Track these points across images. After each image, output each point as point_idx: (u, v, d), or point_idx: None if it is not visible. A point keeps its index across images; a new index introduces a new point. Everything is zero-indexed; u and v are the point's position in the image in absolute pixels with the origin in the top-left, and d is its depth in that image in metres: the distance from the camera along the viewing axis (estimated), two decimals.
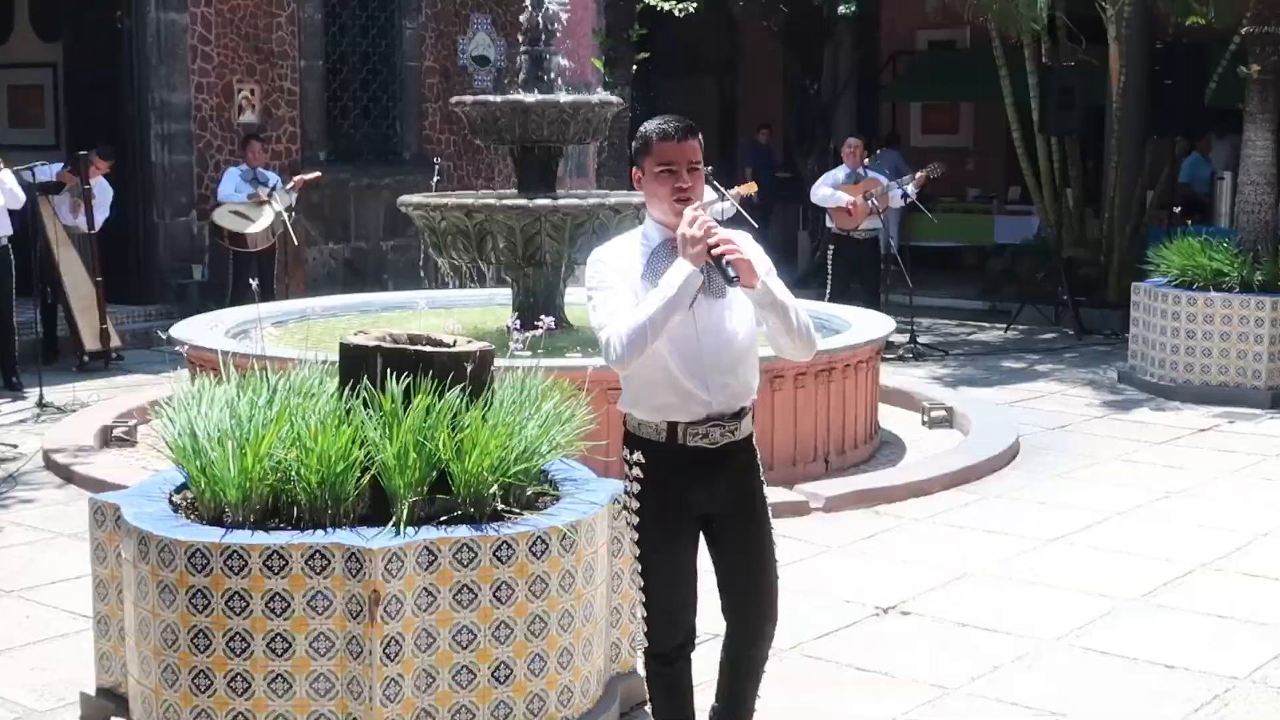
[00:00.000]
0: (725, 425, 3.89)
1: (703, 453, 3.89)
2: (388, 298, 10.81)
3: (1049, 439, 9.27)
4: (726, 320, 3.90)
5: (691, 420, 3.86)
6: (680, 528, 3.93)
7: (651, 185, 3.84)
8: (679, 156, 3.83)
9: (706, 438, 3.88)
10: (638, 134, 3.91)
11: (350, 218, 15.29)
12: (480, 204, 8.69)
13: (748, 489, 4.00)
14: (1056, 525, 7.27)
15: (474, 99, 9.19)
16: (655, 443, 3.90)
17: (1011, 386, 11.17)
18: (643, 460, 3.92)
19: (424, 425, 4.01)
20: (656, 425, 3.89)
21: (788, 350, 3.93)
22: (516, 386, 4.46)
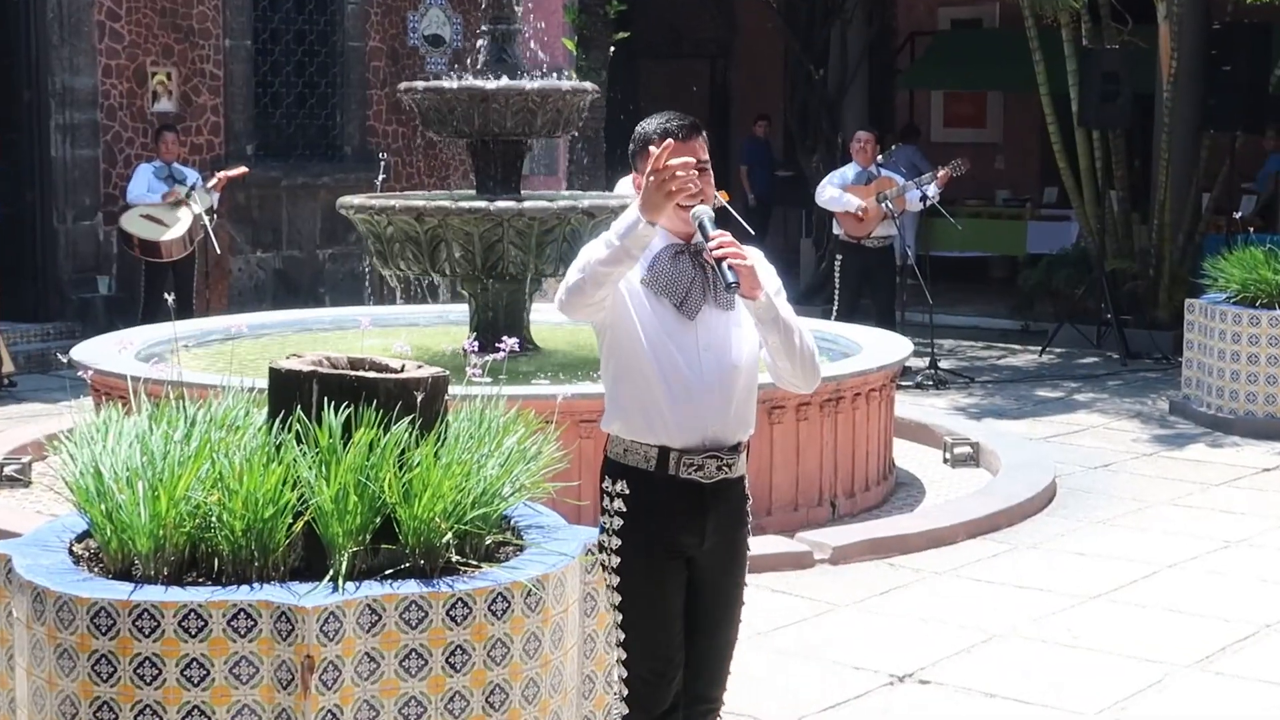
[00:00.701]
0: (723, 458, 3.97)
1: (695, 488, 3.95)
2: (325, 315, 10.81)
3: (1090, 480, 9.31)
4: (732, 337, 3.98)
5: (686, 448, 3.94)
6: (667, 572, 3.99)
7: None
8: (684, 156, 3.91)
9: (701, 470, 3.95)
10: (635, 134, 4.01)
11: (282, 222, 15.30)
12: (433, 206, 8.71)
13: (735, 538, 4.07)
14: (1098, 580, 7.30)
15: (426, 85, 9.21)
16: (643, 472, 3.96)
17: (1047, 419, 11.22)
18: (627, 491, 3.97)
19: (366, 463, 4.01)
20: (646, 451, 3.96)
21: (787, 376, 4.01)
22: (474, 418, 4.46)
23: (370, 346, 8.37)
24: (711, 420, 3.94)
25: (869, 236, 12.27)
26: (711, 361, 3.93)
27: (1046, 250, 16.65)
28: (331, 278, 15.58)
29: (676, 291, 3.93)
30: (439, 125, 9.18)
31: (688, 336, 3.92)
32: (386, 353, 4.71)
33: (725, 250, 3.79)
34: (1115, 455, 10.02)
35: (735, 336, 3.98)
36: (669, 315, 3.93)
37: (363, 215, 8.90)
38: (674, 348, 3.91)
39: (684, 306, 3.93)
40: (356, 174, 15.16)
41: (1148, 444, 10.41)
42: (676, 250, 3.97)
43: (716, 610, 4.06)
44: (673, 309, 3.94)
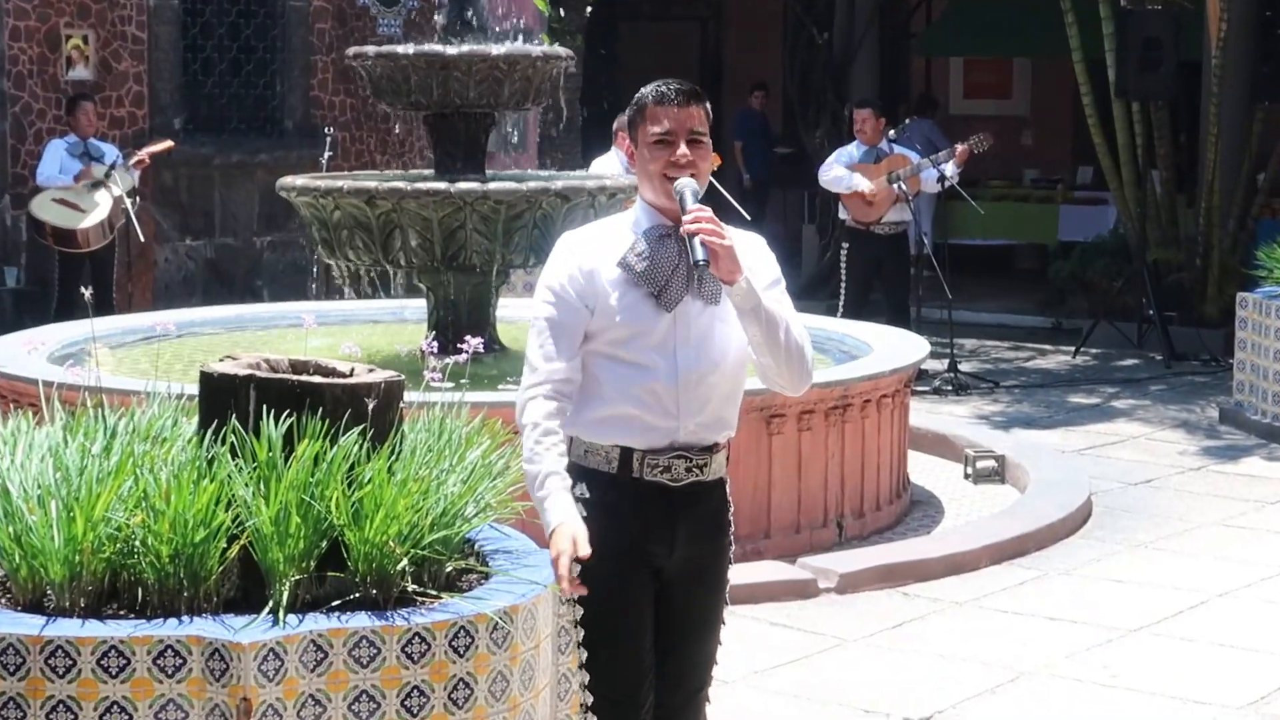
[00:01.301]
0: (693, 459, 4.02)
1: (662, 491, 4.01)
2: (264, 311, 10.79)
3: (1129, 498, 9.34)
4: (715, 331, 4.00)
5: (651, 448, 3.98)
6: (633, 584, 4.03)
7: (644, 158, 4.01)
8: (678, 124, 3.97)
9: (668, 471, 4.00)
10: (633, 100, 4.06)
11: (214, 206, 15.27)
12: (386, 188, 8.70)
13: (712, 549, 4.12)
14: (1139, 611, 7.32)
15: (378, 50, 9.21)
16: (604, 475, 4.01)
17: (1081, 429, 11.25)
18: (587, 495, 4.01)
19: (310, 480, 4.00)
20: (607, 451, 4.01)
21: (772, 375, 4.03)
22: (434, 429, 4.45)
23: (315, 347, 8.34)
24: (683, 420, 3.99)
25: (879, 222, 12.29)
26: (689, 358, 3.96)
27: (1080, 238, 16.69)
28: (271, 269, 15.56)
29: (655, 279, 3.95)
30: (393, 96, 9.17)
31: (664, 330, 3.95)
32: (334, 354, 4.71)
33: (700, 225, 3.83)
34: (1158, 470, 10.05)
35: (719, 333, 4.00)
36: (645, 305, 3.95)
37: (306, 198, 8.89)
38: (647, 341, 3.94)
39: (662, 297, 3.95)
40: (299, 151, 15.14)
41: (1195, 457, 10.44)
42: (663, 233, 3.99)
43: (690, 627, 4.10)
44: (650, 299, 3.95)
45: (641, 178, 4.03)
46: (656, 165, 3.97)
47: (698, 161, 3.97)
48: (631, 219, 4.07)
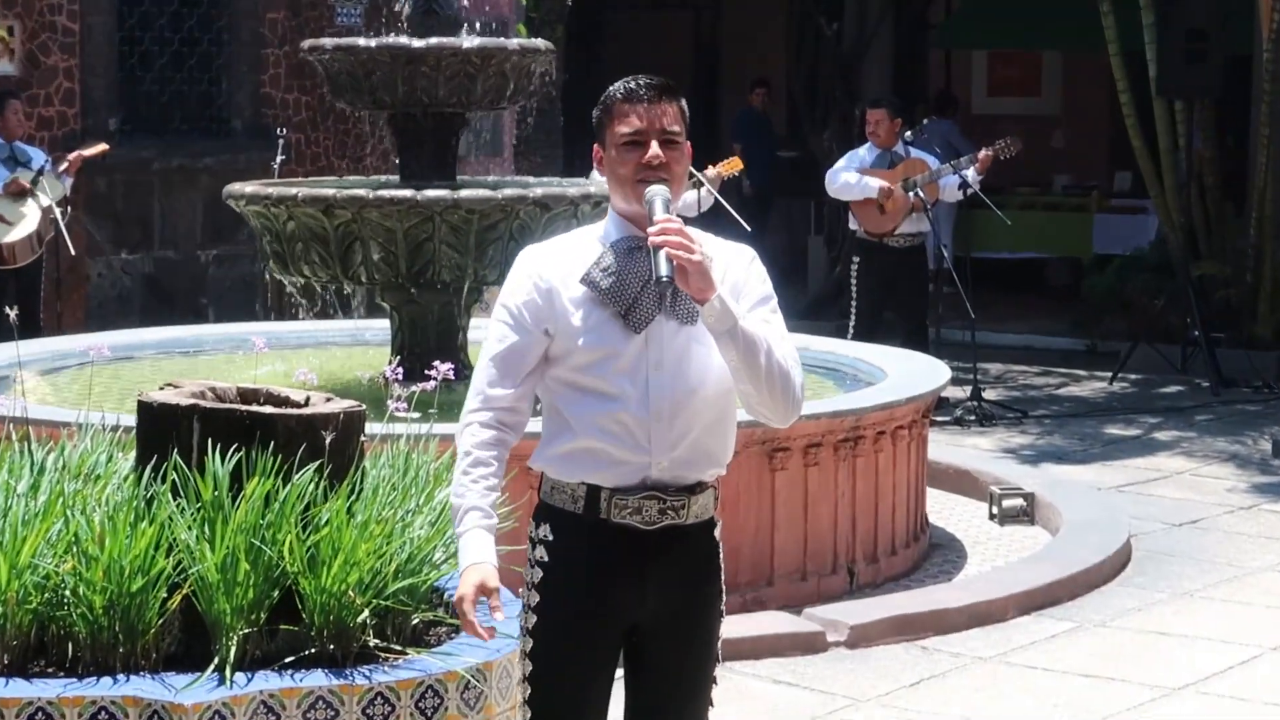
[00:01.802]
0: (669, 500, 3.98)
1: (632, 535, 3.96)
2: (209, 333, 10.79)
3: (1173, 540, 9.34)
4: (693, 354, 3.98)
5: (619, 486, 3.95)
6: (594, 644, 4.00)
7: (613, 162, 3.99)
8: (650, 123, 3.96)
9: (638, 513, 3.96)
10: (601, 99, 4.05)
11: (154, 215, 15.26)
12: (345, 196, 8.71)
13: (694, 600, 4.06)
14: (1186, 666, 7.32)
15: (336, 43, 9.21)
16: (569, 515, 3.99)
17: (1119, 463, 11.25)
18: (550, 538, 4.00)
19: (261, 523, 4.00)
20: (573, 489, 3.98)
21: (755, 404, 4.01)
22: (398, 465, 4.45)
23: (266, 374, 8.34)
24: (655, 456, 3.95)
25: (894, 234, 12.30)
26: (662, 384, 3.93)
27: (1118, 250, 16.72)
28: (216, 286, 15.55)
29: (622, 297, 3.93)
30: (353, 94, 9.17)
31: (634, 353, 3.93)
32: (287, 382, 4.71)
33: (666, 238, 3.80)
34: (1205, 509, 10.05)
35: (697, 356, 3.97)
36: (612, 326, 3.93)
37: (256, 207, 8.89)
38: (614, 366, 3.92)
39: (630, 316, 3.93)
40: (248, 155, 15.12)
41: (1246, 495, 10.44)
42: (633, 245, 3.97)
43: (671, 688, 4.06)
44: (617, 319, 3.94)
45: (611, 184, 4.02)
46: (627, 169, 3.95)
47: (672, 164, 3.95)
48: (598, 232, 4.05)
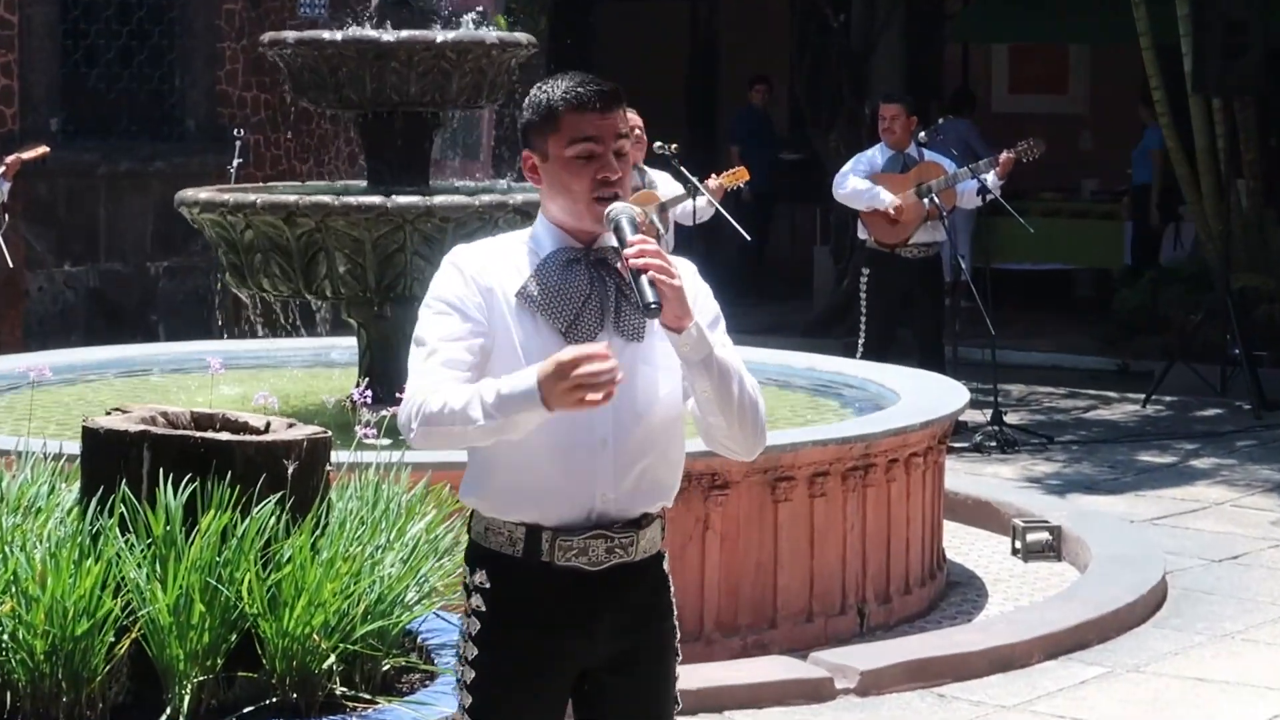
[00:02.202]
0: (616, 537, 3.99)
1: (579, 578, 3.97)
2: (160, 353, 10.78)
3: (1213, 577, 9.34)
4: (640, 375, 3.99)
5: (562, 525, 3.95)
6: (540, 698, 4.01)
7: (560, 175, 3.97)
8: (604, 132, 3.96)
9: (585, 555, 3.96)
10: (533, 100, 4.01)
11: (99, 224, 15.26)
12: (308, 203, 8.72)
13: (647, 641, 4.09)
14: (1227, 715, 7.32)
15: (299, 36, 9.22)
16: (507, 558, 3.98)
17: (1154, 494, 11.26)
18: (487, 585, 4.00)
19: (217, 560, 4.00)
20: (510, 530, 3.98)
21: (721, 437, 4.04)
22: (367, 497, 4.46)
23: (223, 397, 8.34)
24: (601, 488, 3.96)
25: (907, 243, 12.32)
26: (607, 410, 3.89)
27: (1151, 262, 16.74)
28: (168, 301, 15.54)
29: (563, 312, 3.93)
30: (317, 92, 9.18)
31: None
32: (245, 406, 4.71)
33: (648, 260, 3.80)
34: (1248, 543, 10.05)
35: (644, 377, 3.98)
36: (551, 345, 3.90)
37: (211, 215, 8.89)
38: None
39: (571, 333, 3.92)
40: (202, 158, 15.14)
41: None
42: (571, 257, 3.97)
43: None
44: (557, 335, 3.93)
45: (553, 196, 4.00)
46: (581, 185, 3.94)
47: (624, 178, 3.97)
48: (526, 239, 4.05)
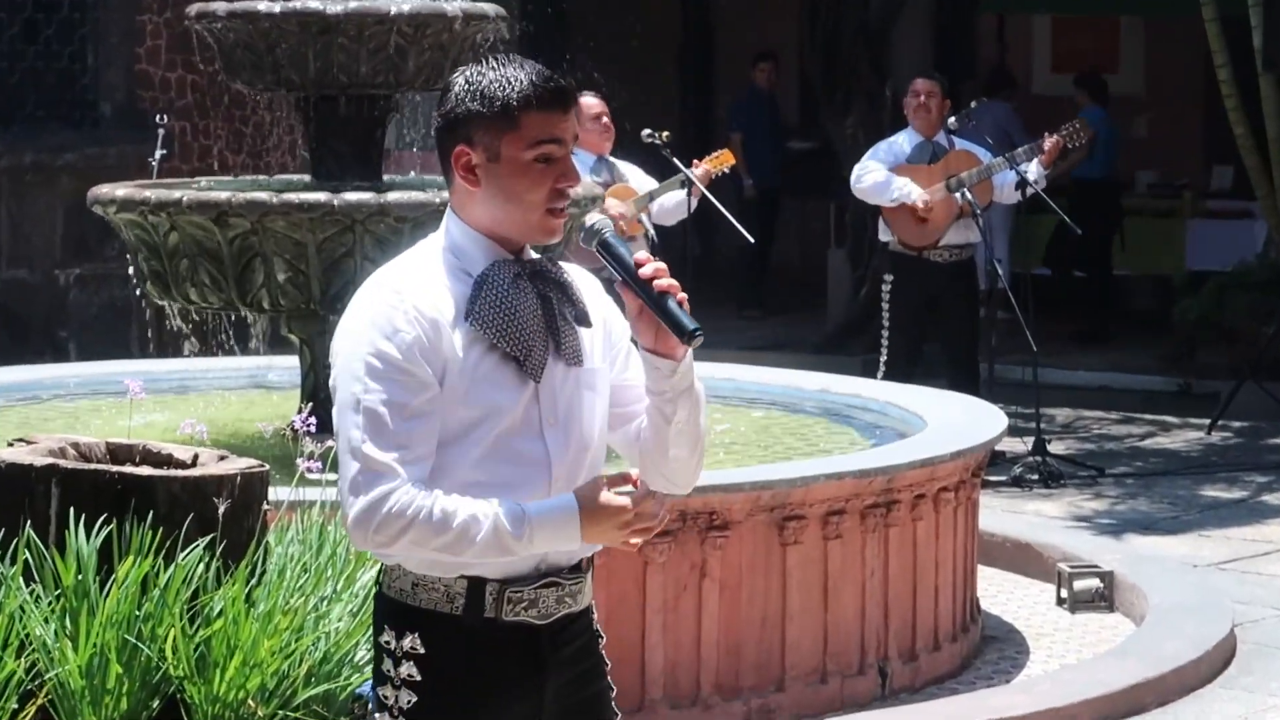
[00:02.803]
0: (565, 585, 4.04)
1: (527, 634, 4.01)
2: (71, 374, 10.76)
3: None
4: (584, 403, 4.06)
5: (510, 577, 3.98)
6: None
7: (513, 181, 4.00)
8: (567, 135, 4.01)
9: (535, 607, 4.01)
10: (478, 90, 4.01)
11: (1, 225, 15.24)
12: (243, 201, 8.71)
13: (588, 699, 4.14)
14: None
15: (231, 7, 9.21)
16: (443, 618, 3.99)
17: (1221, 534, 11.25)
18: (420, 650, 3.99)
19: (137, 614, 3.99)
20: (447, 586, 3.99)
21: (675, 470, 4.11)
22: (310, 540, 4.45)
23: (144, 425, 8.32)
24: None
25: (936, 246, 12.32)
26: (559, 443, 3.99)
27: (1217, 265, 16.72)
28: (80, 314, 15.52)
29: (518, 339, 3.96)
30: (252, 72, 9.18)
31: (523, 407, 3.97)
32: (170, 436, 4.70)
33: (671, 281, 3.92)
34: None
35: (589, 404, 4.06)
36: (502, 374, 3.96)
37: (130, 215, 8.88)
38: (501, 424, 3.95)
39: (528, 362, 3.97)
40: (120, 148, 15.12)
41: None
42: (515, 272, 4.01)
43: None
44: (510, 364, 3.96)
45: (497, 202, 4.02)
46: (539, 193, 3.98)
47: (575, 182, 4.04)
48: (442, 252, 4.07)
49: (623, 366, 4.11)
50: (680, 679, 7.55)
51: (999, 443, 9.33)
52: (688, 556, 7.49)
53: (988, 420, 9.05)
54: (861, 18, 17.81)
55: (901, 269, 12.41)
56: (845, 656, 8.02)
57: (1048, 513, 11.52)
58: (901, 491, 8.14)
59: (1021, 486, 12.22)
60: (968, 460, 8.56)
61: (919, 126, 12.40)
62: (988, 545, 9.58)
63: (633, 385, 4.08)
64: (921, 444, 8.55)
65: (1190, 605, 9.14)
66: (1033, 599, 9.67)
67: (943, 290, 12.38)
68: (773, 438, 9.54)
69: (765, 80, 20.16)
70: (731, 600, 7.65)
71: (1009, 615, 9.35)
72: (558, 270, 4.08)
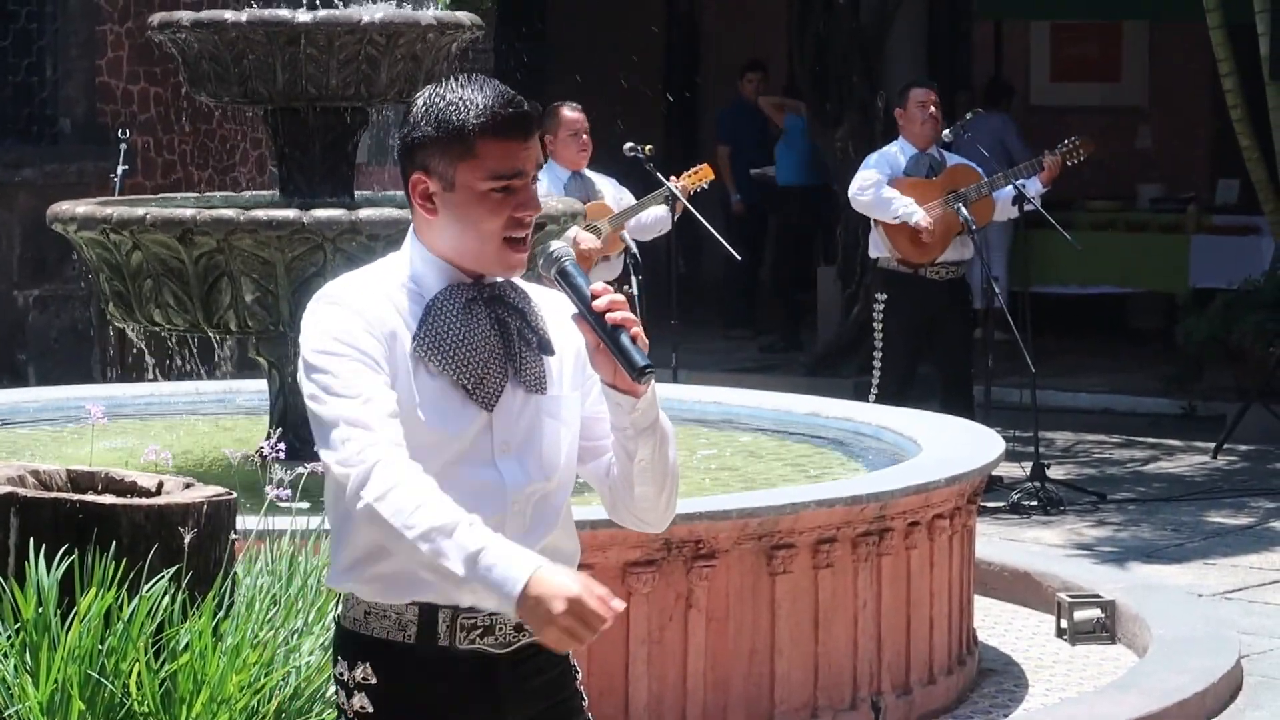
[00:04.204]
0: None
1: (483, 663, 4.03)
2: (29, 399, 10.76)
3: None
4: (545, 430, 4.09)
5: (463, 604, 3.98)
6: None
7: (468, 210, 4.01)
8: (527, 164, 4.04)
9: (491, 634, 4.03)
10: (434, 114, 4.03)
11: None
12: (209, 218, 8.70)
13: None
14: None
15: (196, 17, 9.21)
16: (396, 647, 4.01)
17: (1227, 562, 11.25)
18: (372, 681, 4.01)
19: (99, 648, 4.00)
20: (399, 614, 4.01)
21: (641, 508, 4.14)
22: (280, 571, 4.46)
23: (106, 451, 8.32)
24: None
25: (933, 263, 12.32)
26: (514, 474, 4.02)
27: (1222, 283, 16.73)
28: (39, 337, 15.51)
29: (469, 365, 3.99)
30: (218, 84, 9.18)
31: (474, 435, 4.00)
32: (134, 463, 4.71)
33: (625, 315, 3.93)
34: None
35: (549, 432, 4.08)
36: (451, 401, 3.99)
37: (91, 233, 8.87)
38: (451, 452, 3.97)
39: (479, 391, 4.00)
40: (80, 163, 15.13)
41: None
42: (469, 296, 4.03)
43: None
44: (459, 392, 3.99)
45: (454, 232, 4.03)
46: (496, 223, 4.00)
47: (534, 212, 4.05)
48: (400, 277, 4.08)
49: (596, 399, 4.10)
50: (665, 714, 7.55)
51: (996, 468, 9.34)
52: (673, 586, 7.49)
53: (984, 444, 9.05)
54: (853, 26, 17.80)
55: (895, 287, 12.41)
56: (837, 690, 8.02)
57: (1047, 540, 11.53)
58: (895, 519, 8.15)
59: (1020, 513, 12.22)
60: (964, 486, 8.56)
61: (917, 138, 12.38)
62: (985, 574, 9.59)
63: (603, 418, 4.09)
64: (916, 469, 8.55)
65: (1195, 636, 9.14)
66: (1031, 630, 9.67)
67: (938, 309, 12.38)
68: (761, 463, 9.54)
69: (753, 91, 20.18)
70: (718, 632, 7.66)
71: (1007, 647, 9.36)
72: (518, 295, 4.09)
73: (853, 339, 16.56)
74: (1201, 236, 18.36)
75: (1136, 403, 16.03)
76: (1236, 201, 18.50)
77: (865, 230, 12.84)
